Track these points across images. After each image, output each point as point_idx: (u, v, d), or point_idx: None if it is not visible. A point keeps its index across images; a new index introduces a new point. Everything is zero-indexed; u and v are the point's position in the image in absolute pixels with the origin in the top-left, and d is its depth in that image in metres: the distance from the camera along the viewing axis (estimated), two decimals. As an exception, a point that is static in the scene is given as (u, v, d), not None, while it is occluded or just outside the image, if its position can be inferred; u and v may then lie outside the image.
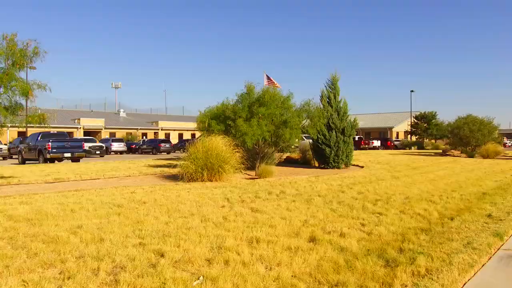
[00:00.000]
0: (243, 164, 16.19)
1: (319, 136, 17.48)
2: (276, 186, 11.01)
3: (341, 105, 17.95)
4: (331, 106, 17.76)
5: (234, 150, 12.87)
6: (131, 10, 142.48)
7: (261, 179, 12.88)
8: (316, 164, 18.57)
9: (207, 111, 15.45)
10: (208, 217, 6.67)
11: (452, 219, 6.61)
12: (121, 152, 41.40)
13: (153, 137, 56.13)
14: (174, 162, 13.42)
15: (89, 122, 55.93)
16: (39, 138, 23.16)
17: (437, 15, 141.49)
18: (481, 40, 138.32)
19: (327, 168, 17.32)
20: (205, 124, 14.78)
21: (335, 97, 17.93)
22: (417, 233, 5.65)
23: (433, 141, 53.77)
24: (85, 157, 33.12)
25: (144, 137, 56.62)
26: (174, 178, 12.83)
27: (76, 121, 54.82)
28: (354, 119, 18.28)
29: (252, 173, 14.34)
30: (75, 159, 23.20)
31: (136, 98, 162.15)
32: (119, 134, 56.64)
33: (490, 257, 4.72)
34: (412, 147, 47.32)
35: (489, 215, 6.88)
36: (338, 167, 17.41)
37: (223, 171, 11.95)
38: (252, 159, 16.12)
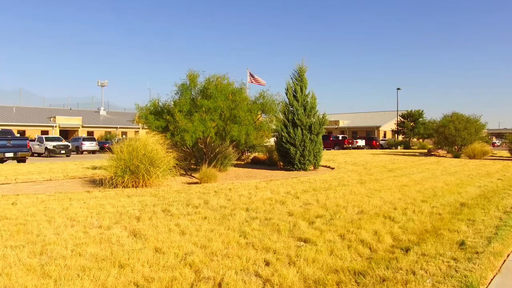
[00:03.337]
0: (197, 166, 14.14)
1: (283, 134, 15.34)
2: (208, 194, 8.87)
3: (308, 99, 15.74)
4: (297, 100, 15.59)
5: (172, 150, 10.78)
6: (130, 10, 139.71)
7: (201, 184, 10.73)
8: (283, 165, 16.45)
9: (148, 105, 13.24)
10: (49, 248, 4.52)
11: (407, 250, 4.54)
12: (93, 152, 39.11)
13: (133, 136, 53.68)
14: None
15: (65, 121, 53.21)
16: (-21, 136, 20.72)
17: (429, 14, 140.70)
18: (476, 40, 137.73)
19: (292, 170, 15.22)
20: (143, 120, 12.62)
21: (301, 90, 15.74)
22: (341, 282, 3.56)
23: (420, 140, 51.94)
24: (49, 156, 30.85)
25: (124, 135, 54.24)
26: (99, 183, 10.68)
27: (51, 119, 52.16)
28: (323, 115, 15.98)
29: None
30: (19, 159, 20.80)
31: (127, 97, 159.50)
32: (98, 132, 54.22)
33: None
34: (398, 147, 45.44)
35: (462, 244, 4.80)
36: (305, 169, 15.32)
37: (149, 175, 9.77)
38: (202, 160, 14.00)
